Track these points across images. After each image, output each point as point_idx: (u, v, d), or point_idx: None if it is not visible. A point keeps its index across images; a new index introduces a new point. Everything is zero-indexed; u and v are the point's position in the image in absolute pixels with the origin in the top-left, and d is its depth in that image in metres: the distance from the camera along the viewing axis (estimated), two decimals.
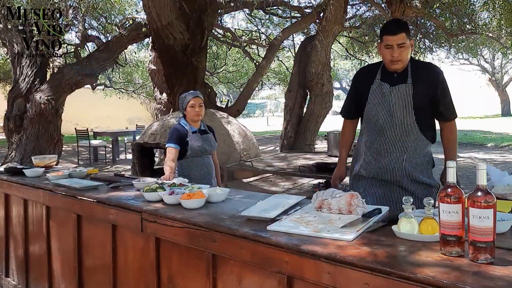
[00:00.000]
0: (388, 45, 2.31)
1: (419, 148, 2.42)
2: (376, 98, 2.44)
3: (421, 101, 2.37)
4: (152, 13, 7.08)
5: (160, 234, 1.99)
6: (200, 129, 3.26)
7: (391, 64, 2.36)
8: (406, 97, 2.37)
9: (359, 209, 1.75)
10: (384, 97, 2.41)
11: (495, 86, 27.67)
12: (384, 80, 2.43)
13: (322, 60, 8.54)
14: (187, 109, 3.19)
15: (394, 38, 2.29)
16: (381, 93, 2.42)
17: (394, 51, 2.30)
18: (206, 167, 3.25)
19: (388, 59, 2.35)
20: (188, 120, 3.22)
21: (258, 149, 8.22)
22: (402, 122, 2.39)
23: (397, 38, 2.29)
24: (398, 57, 2.30)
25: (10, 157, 7.83)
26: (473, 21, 9.37)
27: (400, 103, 2.38)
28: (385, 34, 2.34)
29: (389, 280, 1.22)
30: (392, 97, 2.40)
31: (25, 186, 3.03)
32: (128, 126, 19.41)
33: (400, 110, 2.38)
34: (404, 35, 2.30)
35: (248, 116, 37.55)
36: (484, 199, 1.24)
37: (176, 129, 3.16)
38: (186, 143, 3.13)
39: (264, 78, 15.82)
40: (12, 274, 3.33)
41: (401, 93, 2.38)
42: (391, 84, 2.40)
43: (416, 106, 2.36)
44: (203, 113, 3.21)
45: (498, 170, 2.22)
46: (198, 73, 8.14)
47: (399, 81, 2.39)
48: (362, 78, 2.57)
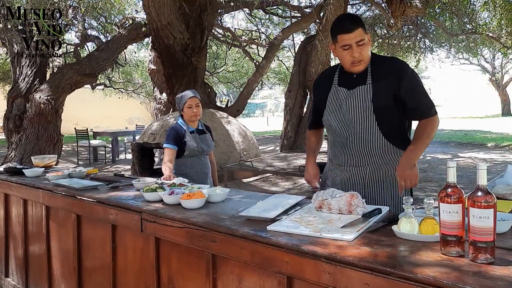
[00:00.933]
0: (346, 45, 2.02)
1: (389, 159, 2.10)
2: (333, 105, 2.16)
3: (382, 102, 2.04)
4: (152, 12, 7.09)
5: (160, 234, 1.99)
6: (198, 129, 3.26)
7: (352, 67, 2.07)
8: (365, 100, 2.06)
9: (359, 209, 1.75)
10: (340, 103, 2.12)
11: (495, 86, 27.68)
12: (341, 85, 2.14)
13: (322, 60, 8.54)
14: (184, 110, 3.18)
15: (351, 36, 2.00)
16: (337, 99, 2.14)
17: (354, 50, 2.01)
18: (202, 167, 3.24)
19: (348, 61, 2.06)
20: (185, 120, 3.22)
21: (258, 149, 8.22)
22: (363, 130, 2.09)
23: (354, 35, 2.00)
24: (359, 57, 2.02)
25: (10, 157, 7.83)
26: (473, 21, 9.38)
27: (359, 109, 2.07)
28: (339, 33, 2.04)
29: (389, 280, 1.22)
30: (349, 102, 2.09)
31: (24, 186, 3.03)
32: (128, 126, 19.43)
33: (358, 116, 2.08)
34: (361, 30, 2.01)
35: (248, 116, 37.56)
36: (484, 199, 1.24)
37: (174, 129, 3.16)
38: (184, 143, 3.13)
39: (264, 78, 15.83)
40: (11, 274, 3.33)
41: (359, 97, 2.07)
42: (348, 87, 2.11)
43: (377, 109, 2.05)
44: (200, 113, 3.20)
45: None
46: (198, 73, 8.14)
47: (357, 83, 2.09)
48: (320, 86, 2.28)
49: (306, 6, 10.68)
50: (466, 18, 9.32)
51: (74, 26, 10.41)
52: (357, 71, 2.08)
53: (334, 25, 2.12)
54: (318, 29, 8.45)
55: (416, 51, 10.84)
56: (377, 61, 2.12)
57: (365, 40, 2.02)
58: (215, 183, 3.39)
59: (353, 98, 2.09)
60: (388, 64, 2.13)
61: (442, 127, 19.69)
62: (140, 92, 19.53)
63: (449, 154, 11.32)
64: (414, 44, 10.80)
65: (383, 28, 10.75)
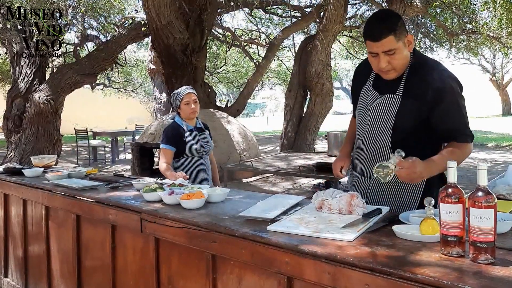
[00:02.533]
0: (372, 52, 1.76)
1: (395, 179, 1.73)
2: (360, 104, 1.99)
3: (406, 122, 1.80)
4: (152, 12, 7.08)
5: (160, 235, 1.99)
6: (197, 127, 3.12)
7: (381, 73, 1.83)
8: (388, 112, 1.83)
9: (359, 209, 1.74)
10: (366, 105, 1.93)
11: (496, 86, 27.67)
12: (374, 86, 1.92)
13: (322, 60, 8.54)
14: (181, 107, 3.03)
15: (378, 45, 1.71)
16: (366, 100, 1.94)
17: (381, 60, 1.74)
18: (203, 167, 3.09)
19: (375, 68, 1.82)
20: (183, 118, 3.06)
21: (258, 149, 8.22)
22: (376, 141, 1.90)
23: (382, 44, 1.70)
24: (386, 67, 1.75)
25: (9, 157, 7.83)
26: (474, 21, 9.38)
27: (380, 118, 1.86)
28: (366, 38, 1.76)
29: (390, 281, 1.22)
30: (373, 108, 1.88)
31: (24, 186, 3.02)
32: (128, 126, 19.42)
33: (376, 126, 1.87)
34: (391, 38, 1.69)
35: (248, 116, 37.56)
36: (485, 199, 1.23)
37: (172, 128, 3.02)
38: (183, 142, 2.98)
39: (264, 78, 15.82)
40: (11, 274, 3.32)
41: (383, 106, 1.84)
42: (380, 92, 1.88)
43: (397, 126, 1.81)
44: (198, 109, 3.04)
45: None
46: (197, 73, 8.14)
47: (388, 89, 1.85)
48: (358, 75, 2.09)
49: (306, 6, 10.68)
50: (466, 18, 9.31)
51: (74, 26, 10.42)
52: (386, 78, 1.83)
53: (365, 25, 1.82)
54: (318, 29, 8.45)
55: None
56: (416, 66, 1.81)
57: (397, 48, 1.72)
58: (216, 184, 3.24)
59: (379, 105, 1.87)
60: (429, 74, 1.78)
61: None
62: (140, 92, 19.54)
63: None
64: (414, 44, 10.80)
65: None
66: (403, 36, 1.74)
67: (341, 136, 5.99)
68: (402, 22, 1.76)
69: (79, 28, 10.22)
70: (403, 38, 1.74)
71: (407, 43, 1.77)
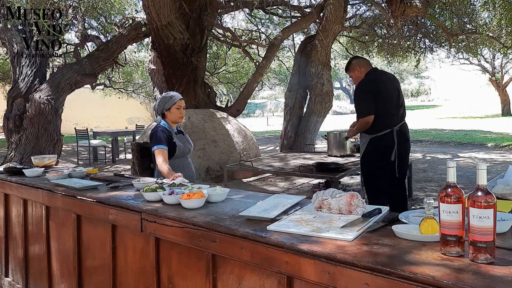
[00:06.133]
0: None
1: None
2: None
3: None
4: (152, 12, 7.08)
5: (160, 234, 1.99)
6: (178, 130, 3.32)
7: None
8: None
9: (359, 209, 1.75)
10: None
11: (495, 86, 27.65)
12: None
13: (322, 60, 8.53)
14: (171, 110, 3.19)
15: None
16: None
17: None
18: (189, 166, 3.30)
19: None
20: (170, 121, 3.23)
21: (258, 149, 8.22)
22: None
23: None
24: None
25: (10, 157, 7.83)
26: (473, 21, 9.38)
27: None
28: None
29: (389, 280, 1.22)
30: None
31: (24, 186, 3.03)
32: (128, 126, 19.42)
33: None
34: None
35: (248, 116, 37.54)
36: (484, 199, 1.24)
37: (162, 130, 3.17)
38: (173, 144, 3.16)
39: (264, 78, 15.82)
40: (11, 274, 3.33)
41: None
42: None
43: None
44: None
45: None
46: (198, 73, 8.14)
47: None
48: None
49: (306, 6, 10.67)
50: (466, 18, 9.30)
51: (74, 26, 10.40)
52: None
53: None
54: (318, 29, 8.45)
55: (416, 51, 10.82)
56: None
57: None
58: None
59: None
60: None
61: (442, 127, 19.69)
62: (140, 92, 19.52)
63: (449, 154, 11.32)
64: (414, 44, 10.78)
65: (383, 28, 10.74)
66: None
67: (341, 136, 5.98)
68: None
69: (79, 28, 10.21)
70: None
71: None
